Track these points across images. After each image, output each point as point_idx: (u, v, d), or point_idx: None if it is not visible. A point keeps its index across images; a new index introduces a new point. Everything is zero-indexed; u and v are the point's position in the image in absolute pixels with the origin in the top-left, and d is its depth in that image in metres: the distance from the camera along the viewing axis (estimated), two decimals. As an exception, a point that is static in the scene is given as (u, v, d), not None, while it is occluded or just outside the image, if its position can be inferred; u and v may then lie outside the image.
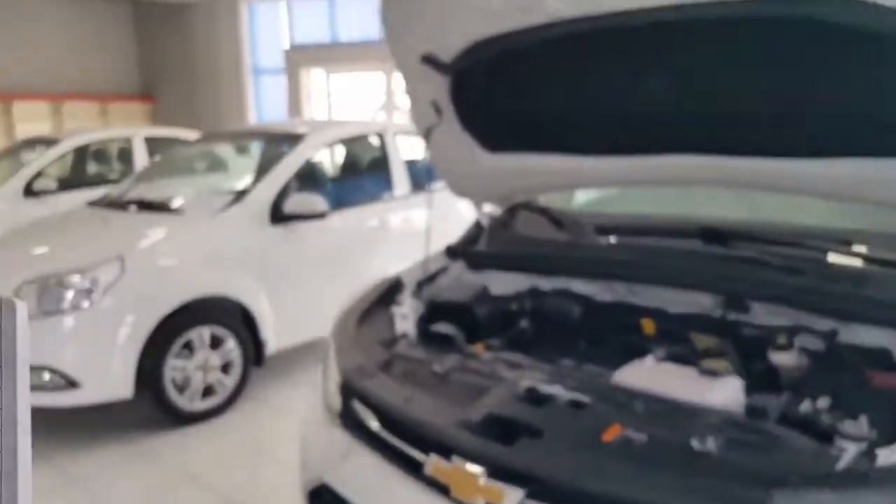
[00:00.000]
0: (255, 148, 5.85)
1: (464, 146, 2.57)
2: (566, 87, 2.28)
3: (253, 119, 13.22)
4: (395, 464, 1.81)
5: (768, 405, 1.70)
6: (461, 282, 2.60)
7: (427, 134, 2.52)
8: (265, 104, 13.49)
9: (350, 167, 5.62)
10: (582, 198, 3.33)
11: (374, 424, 1.91)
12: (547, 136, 2.44)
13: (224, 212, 4.36)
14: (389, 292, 2.50)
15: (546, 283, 2.49)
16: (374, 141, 5.49)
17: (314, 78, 12.77)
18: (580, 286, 2.41)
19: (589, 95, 2.25)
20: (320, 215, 4.51)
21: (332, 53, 12.41)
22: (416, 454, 1.74)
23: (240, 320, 4.26)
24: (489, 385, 1.87)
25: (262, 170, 4.78)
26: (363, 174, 5.53)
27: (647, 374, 1.87)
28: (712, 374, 1.83)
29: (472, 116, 2.47)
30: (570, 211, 2.94)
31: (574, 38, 1.98)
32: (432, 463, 1.67)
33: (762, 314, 2.04)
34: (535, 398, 1.76)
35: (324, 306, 4.64)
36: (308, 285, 4.64)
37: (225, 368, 4.20)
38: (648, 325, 2.22)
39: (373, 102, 12.57)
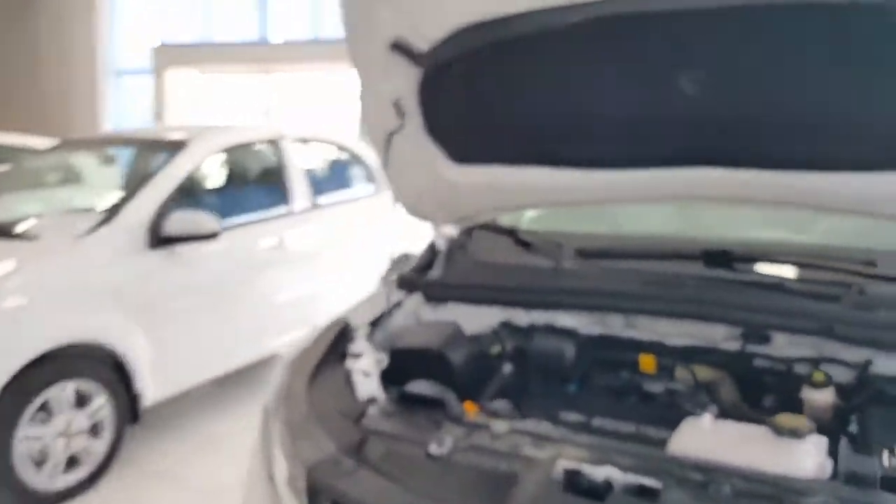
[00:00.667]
0: (125, 158, 5.01)
1: (426, 156, 2.11)
2: (563, 85, 1.87)
3: (108, 125, 11.99)
4: None
5: (865, 468, 1.42)
6: (422, 320, 2.19)
7: (387, 141, 2.00)
8: (126, 109, 12.32)
9: (240, 179, 4.89)
10: (530, 214, 2.84)
11: None
12: (531, 146, 2.04)
13: (88, 236, 3.54)
14: (337, 340, 1.94)
15: (523, 318, 2.13)
16: (269, 149, 4.79)
17: (185, 80, 11.75)
18: (566, 319, 2.07)
19: (589, 96, 1.87)
20: (210, 236, 3.78)
21: (206, 54, 11.48)
22: None
23: (111, 370, 3.47)
24: (515, 470, 1.42)
25: (135, 183, 4.00)
26: (256, 187, 4.83)
27: (711, 440, 1.52)
28: (792, 434, 1.48)
29: (441, 120, 2.02)
30: (540, 232, 2.48)
31: (580, 27, 1.64)
32: None
33: (783, 345, 1.84)
34: (587, 487, 1.34)
35: (215, 344, 4.10)
36: (196, 320, 3.92)
37: (94, 430, 3.40)
38: (647, 362, 1.95)
39: (253, 107, 11.75)
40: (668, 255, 2.17)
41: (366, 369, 1.78)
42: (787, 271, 2.03)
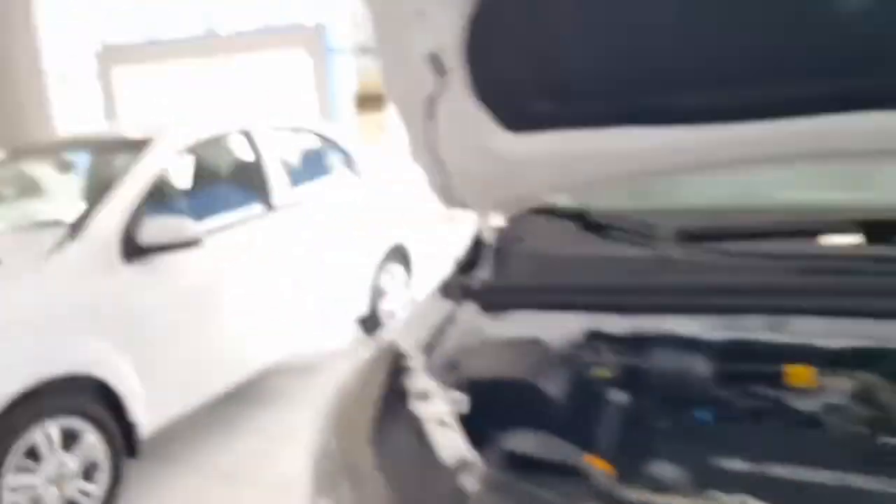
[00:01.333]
0: (84, 162, 4.58)
1: (470, 126, 1.68)
2: (659, 7, 1.44)
3: (59, 130, 11.36)
4: None
5: None
6: (489, 338, 1.70)
7: (428, 109, 1.60)
8: (76, 112, 11.69)
9: (214, 177, 4.48)
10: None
11: None
12: (615, 99, 1.59)
13: (56, 253, 3.14)
14: (392, 376, 1.50)
15: (619, 325, 1.66)
16: (241, 141, 4.40)
17: (133, 79, 11.18)
18: (685, 324, 1.59)
19: (696, 20, 1.43)
20: (192, 243, 3.40)
21: (152, 51, 10.92)
22: None
23: (99, 401, 3.09)
24: None
25: (100, 190, 3.59)
26: (232, 184, 4.43)
27: None
28: None
29: (493, 75, 1.59)
30: (613, 211, 1.95)
31: None
32: None
33: None
34: None
35: (212, 360, 3.71)
36: (187, 336, 3.55)
37: (88, 473, 3.02)
38: (801, 374, 1.45)
39: (206, 101, 11.22)
40: (808, 231, 1.71)
41: (442, 417, 1.35)
42: None
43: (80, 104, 11.51)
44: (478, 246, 1.95)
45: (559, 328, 1.67)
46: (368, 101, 9.35)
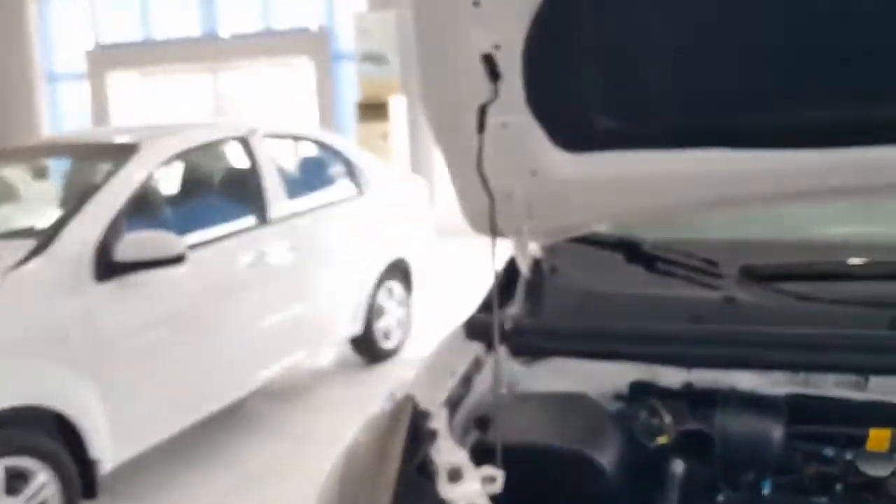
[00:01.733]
0: (63, 168, 4.22)
1: (523, 142, 1.42)
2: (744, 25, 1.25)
3: (47, 134, 11.04)
4: None
5: None
6: (523, 390, 1.53)
7: (480, 118, 1.31)
8: (65, 116, 11.35)
9: (206, 187, 4.12)
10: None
11: None
12: (697, 117, 1.37)
13: (17, 269, 2.76)
14: (412, 441, 1.23)
15: (671, 378, 1.50)
16: (237, 149, 4.04)
17: (126, 83, 10.83)
18: (746, 379, 1.45)
19: (784, 37, 1.23)
20: (176, 260, 3.03)
21: (147, 54, 10.58)
22: None
23: (55, 436, 2.72)
24: None
25: (76, 199, 3.24)
26: (226, 195, 4.07)
27: None
28: None
29: (552, 87, 1.36)
30: (663, 241, 1.75)
31: None
32: None
33: None
34: None
35: (186, 387, 3.29)
36: (161, 362, 3.18)
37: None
38: (882, 438, 1.33)
39: (202, 109, 10.91)
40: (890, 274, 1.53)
41: (474, 499, 1.12)
42: None
43: (71, 109, 11.19)
44: (509, 278, 1.71)
45: (604, 379, 1.51)
46: (371, 111, 9.02)
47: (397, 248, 4.87)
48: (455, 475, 1.18)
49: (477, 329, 1.58)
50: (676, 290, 1.62)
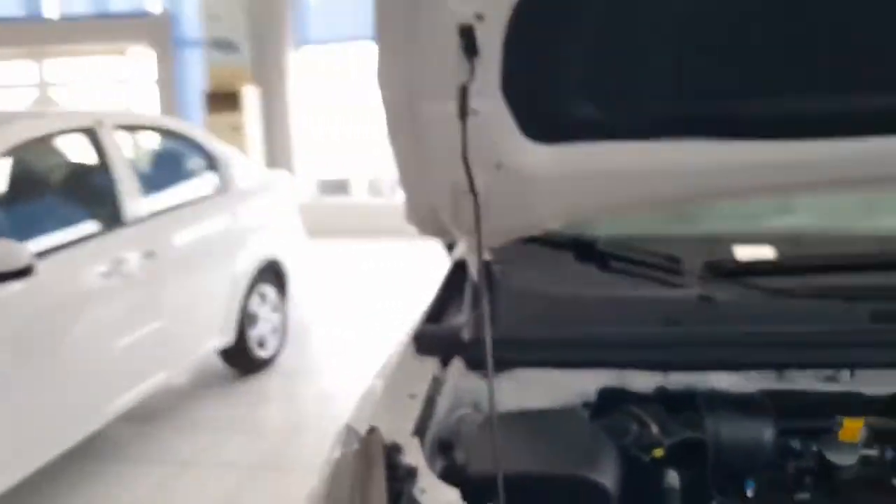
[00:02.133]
0: None
1: (492, 132, 1.26)
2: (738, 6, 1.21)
3: None
4: None
5: None
6: (500, 410, 1.31)
7: (462, 99, 1.14)
8: None
9: (44, 187, 3.58)
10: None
11: None
12: (674, 106, 1.29)
13: None
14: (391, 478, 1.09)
15: (643, 382, 1.44)
16: (83, 142, 3.53)
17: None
18: (723, 379, 1.42)
19: (779, 20, 1.19)
20: (22, 272, 2.57)
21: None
22: None
23: None
24: None
25: None
26: (70, 196, 3.56)
27: None
28: None
29: (529, 70, 1.22)
30: (621, 238, 1.67)
31: None
32: None
33: None
34: None
35: (34, 422, 2.83)
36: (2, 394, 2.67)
37: None
38: (854, 428, 1.34)
39: (20, 99, 9.91)
40: (870, 265, 1.53)
41: None
42: None
43: None
44: (453, 285, 1.60)
45: (572, 388, 1.42)
46: (221, 101, 8.48)
47: (269, 247, 4.50)
48: None
49: (429, 343, 1.44)
50: (644, 291, 1.54)
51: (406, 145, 1.31)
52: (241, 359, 4.30)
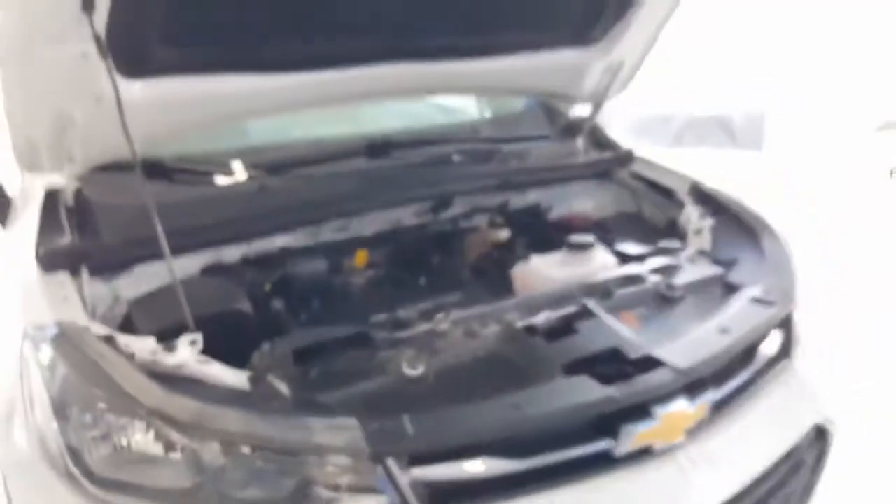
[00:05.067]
0: None
1: (92, 72, 1.52)
2: None
3: None
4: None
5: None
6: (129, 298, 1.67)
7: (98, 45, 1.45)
8: None
9: None
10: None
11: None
12: (231, 48, 1.78)
13: None
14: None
15: (232, 254, 1.87)
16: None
17: None
18: (283, 240, 1.94)
19: None
20: None
21: None
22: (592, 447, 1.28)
23: None
24: (499, 354, 1.45)
25: None
26: None
27: (566, 266, 1.86)
28: (587, 246, 1.90)
29: (123, 20, 1.49)
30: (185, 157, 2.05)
31: None
32: (634, 434, 1.28)
33: (458, 206, 2.19)
34: (564, 328, 1.49)
35: None
36: None
37: None
38: (363, 256, 2.04)
39: None
40: (340, 155, 2.16)
41: (192, 358, 1.34)
42: (434, 150, 2.27)
43: None
44: (53, 209, 1.77)
45: (181, 271, 1.61)
46: None
47: None
48: (169, 348, 1.33)
49: (54, 260, 1.57)
50: (207, 190, 1.94)
51: (16, 85, 1.52)
52: None
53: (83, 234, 1.71)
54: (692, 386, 1.36)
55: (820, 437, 1.63)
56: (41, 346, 1.35)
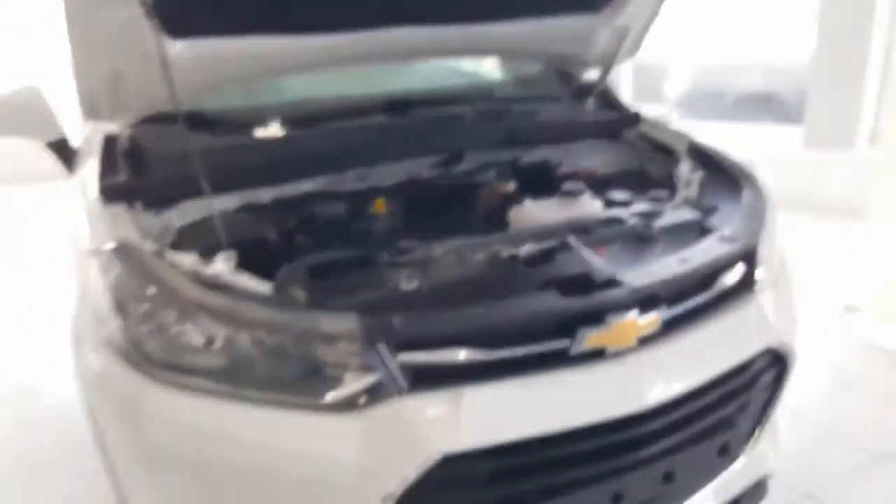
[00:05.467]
0: None
1: (142, 33, 1.73)
2: None
3: None
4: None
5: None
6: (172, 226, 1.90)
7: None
8: None
9: None
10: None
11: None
12: (263, 13, 2.02)
13: None
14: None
15: (264, 196, 2.11)
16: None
17: None
18: (306, 185, 2.18)
19: None
20: None
21: None
22: (552, 345, 1.52)
23: None
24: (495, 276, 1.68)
25: None
26: None
27: (556, 210, 2.08)
28: (577, 193, 2.14)
29: None
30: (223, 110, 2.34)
31: None
32: (588, 337, 1.52)
33: (470, 161, 2.41)
34: (544, 258, 1.71)
35: None
36: None
37: None
38: (381, 203, 2.22)
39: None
40: (361, 112, 2.41)
41: (228, 269, 1.58)
42: (450, 109, 2.51)
43: None
44: (111, 151, 2.03)
45: (221, 207, 1.89)
46: None
47: None
48: (208, 261, 1.59)
49: (111, 192, 1.84)
50: (244, 140, 2.19)
51: (80, 43, 1.78)
52: None
53: (136, 175, 1.96)
54: (645, 302, 1.56)
55: (778, 362, 1.83)
56: (103, 257, 1.64)
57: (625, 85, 7.08)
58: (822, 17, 5.41)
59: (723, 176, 2.21)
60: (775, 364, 1.82)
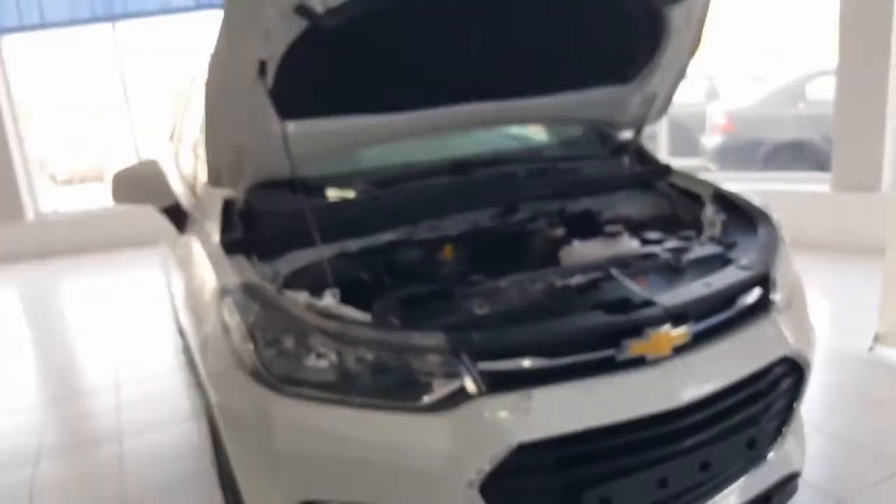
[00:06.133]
0: None
1: (260, 115, 2.23)
2: (392, 48, 2.35)
3: None
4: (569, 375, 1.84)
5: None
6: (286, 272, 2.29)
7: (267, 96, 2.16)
8: None
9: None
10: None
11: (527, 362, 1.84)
12: (355, 97, 2.46)
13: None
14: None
15: (353, 246, 2.51)
16: None
17: None
18: (389, 236, 2.57)
19: (412, 53, 2.38)
20: None
21: None
22: (601, 354, 1.86)
23: None
24: (548, 300, 2.07)
25: None
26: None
27: (600, 248, 2.50)
28: (617, 233, 2.60)
29: (290, 78, 2.17)
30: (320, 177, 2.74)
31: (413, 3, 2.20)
32: (630, 347, 1.86)
33: (523, 212, 2.81)
34: (591, 286, 2.08)
35: None
36: None
37: None
38: (449, 251, 2.58)
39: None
40: (431, 173, 2.80)
41: (333, 302, 1.96)
42: (505, 168, 2.90)
43: None
44: (231, 212, 2.43)
45: (318, 256, 2.22)
46: None
47: None
48: (317, 296, 1.96)
49: (233, 245, 2.24)
50: (339, 201, 2.62)
51: (214, 123, 2.24)
52: None
53: (251, 231, 2.36)
54: (676, 317, 1.89)
55: (795, 370, 2.14)
56: (234, 293, 2.03)
57: (662, 141, 7.45)
58: (839, 70, 5.74)
59: (742, 216, 2.56)
60: (793, 372, 2.13)
